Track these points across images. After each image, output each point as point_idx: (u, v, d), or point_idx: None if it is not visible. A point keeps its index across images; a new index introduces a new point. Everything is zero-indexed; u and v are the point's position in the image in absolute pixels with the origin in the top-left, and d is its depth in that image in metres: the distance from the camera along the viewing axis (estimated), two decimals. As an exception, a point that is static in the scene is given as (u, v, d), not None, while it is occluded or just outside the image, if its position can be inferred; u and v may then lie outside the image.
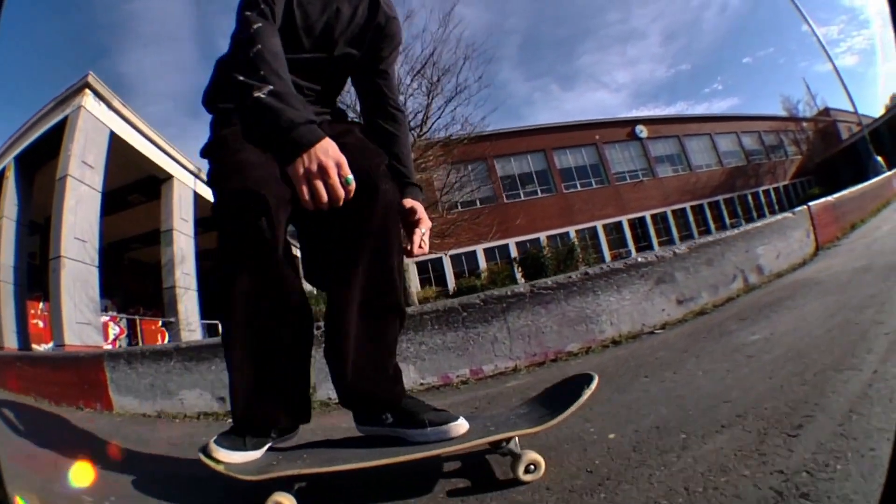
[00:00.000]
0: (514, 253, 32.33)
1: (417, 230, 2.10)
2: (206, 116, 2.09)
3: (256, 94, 1.51)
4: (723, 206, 44.90)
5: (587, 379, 1.97)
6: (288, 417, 1.92)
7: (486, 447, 1.93)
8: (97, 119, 15.95)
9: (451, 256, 32.42)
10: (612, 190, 41.46)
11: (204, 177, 17.86)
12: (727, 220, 42.24)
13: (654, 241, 40.30)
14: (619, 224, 40.58)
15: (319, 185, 1.46)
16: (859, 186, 10.84)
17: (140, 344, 16.93)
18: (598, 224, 39.70)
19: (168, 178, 19.33)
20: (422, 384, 4.07)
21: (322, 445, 1.97)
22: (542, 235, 35.56)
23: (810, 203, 7.28)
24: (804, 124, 51.86)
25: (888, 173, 15.96)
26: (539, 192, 39.44)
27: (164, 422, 4.31)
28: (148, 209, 20.15)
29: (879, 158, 22.28)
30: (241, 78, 1.56)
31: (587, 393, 1.89)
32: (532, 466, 1.79)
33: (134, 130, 17.60)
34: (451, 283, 33.85)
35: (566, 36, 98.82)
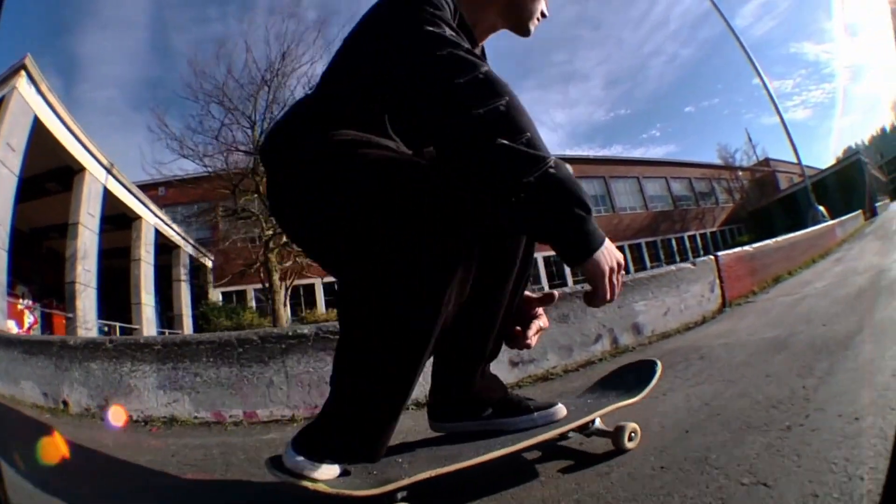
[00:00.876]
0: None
1: (535, 323, 1.94)
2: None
3: (548, 168, 1.31)
4: (644, 249, 45.50)
5: (652, 364, 2.17)
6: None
7: (566, 433, 1.93)
8: (25, 102, 15.75)
9: None
10: (608, 217, 42.16)
11: (117, 172, 19.82)
12: (647, 263, 43.26)
13: (570, 279, 39.24)
14: (535, 261, 37.88)
15: (617, 280, 1.42)
16: (790, 235, 9.90)
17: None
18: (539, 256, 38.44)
19: (81, 169, 18.76)
20: (196, 417, 3.83)
21: (404, 450, 1.78)
22: None
23: (719, 253, 6.58)
24: (740, 173, 53.38)
25: (829, 222, 15.43)
26: None
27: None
28: (65, 199, 19.54)
29: (821, 208, 21.96)
30: (509, 143, 1.29)
31: (657, 374, 2.09)
32: (633, 434, 1.94)
33: (56, 117, 17.25)
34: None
35: (510, 71, 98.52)
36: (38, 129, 16.30)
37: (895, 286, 4.97)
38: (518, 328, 1.92)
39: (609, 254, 1.38)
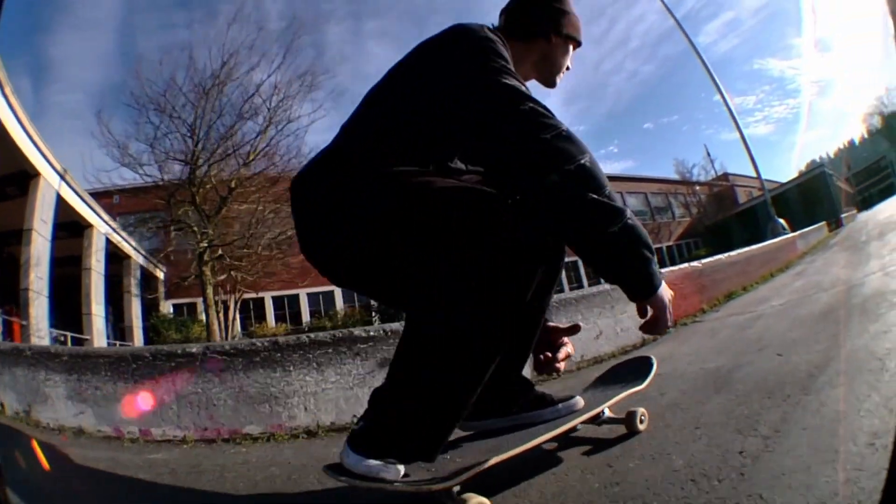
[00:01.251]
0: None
1: (563, 350, 2.14)
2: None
3: (627, 220, 1.55)
4: (580, 269, 43.52)
5: (648, 360, 2.42)
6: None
7: (587, 420, 2.08)
8: (-11, 105, 15.15)
9: (308, 294, 31.18)
10: None
11: (70, 179, 19.15)
12: (584, 282, 41.29)
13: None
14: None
15: (671, 310, 1.65)
16: (745, 249, 9.52)
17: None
18: None
19: (36, 174, 18.28)
20: (99, 431, 3.74)
21: (448, 447, 1.82)
22: None
23: (663, 269, 5.44)
24: (697, 188, 53.86)
25: (789, 235, 15.22)
26: None
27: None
28: (23, 204, 19.04)
29: (781, 220, 21.83)
30: (598, 198, 1.54)
31: (654, 367, 2.34)
32: (643, 417, 2.19)
33: (16, 120, 16.81)
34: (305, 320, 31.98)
35: None
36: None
37: (870, 305, 3.91)
38: (548, 354, 2.10)
39: (666, 288, 1.64)
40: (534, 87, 2.04)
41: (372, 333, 3.98)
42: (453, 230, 1.58)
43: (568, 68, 2.20)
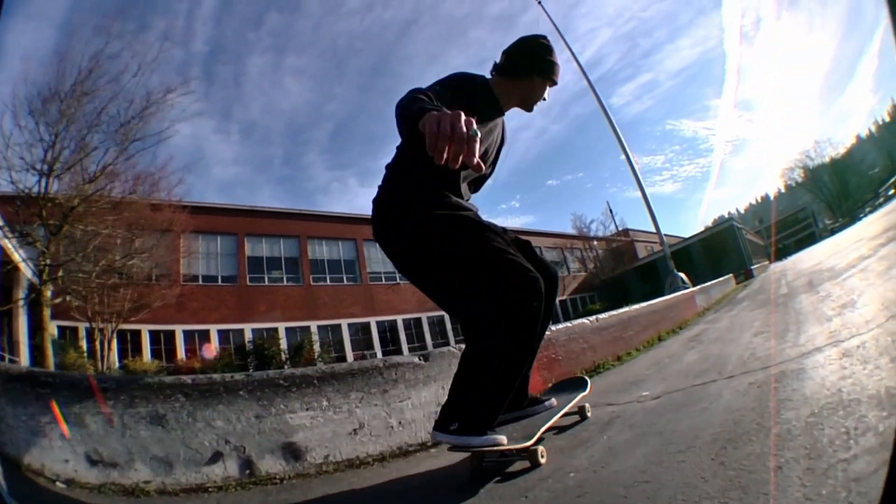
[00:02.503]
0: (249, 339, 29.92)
1: None
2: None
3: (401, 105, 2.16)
4: None
5: (581, 379, 3.60)
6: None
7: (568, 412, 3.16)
8: None
9: (184, 332, 28.31)
10: (363, 289, 38.48)
11: None
12: None
13: (405, 345, 37.44)
14: (368, 325, 37.04)
15: (451, 124, 1.61)
16: (627, 308, 7.50)
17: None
18: (344, 322, 35.91)
19: None
20: None
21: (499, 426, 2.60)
22: (282, 325, 31.92)
23: None
24: (595, 242, 54.53)
25: (687, 290, 13.53)
26: (285, 279, 35.51)
27: None
28: None
29: (681, 274, 21.00)
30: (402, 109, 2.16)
31: (588, 385, 3.45)
32: (588, 408, 3.31)
33: None
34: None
35: (379, 133, 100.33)
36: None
37: (830, 434, 1.81)
38: None
39: (434, 115, 1.66)
40: (515, 113, 3.08)
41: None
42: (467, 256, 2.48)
43: (544, 100, 2.98)
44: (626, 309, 7.10)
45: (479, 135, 1.61)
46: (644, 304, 7.73)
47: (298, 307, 33.93)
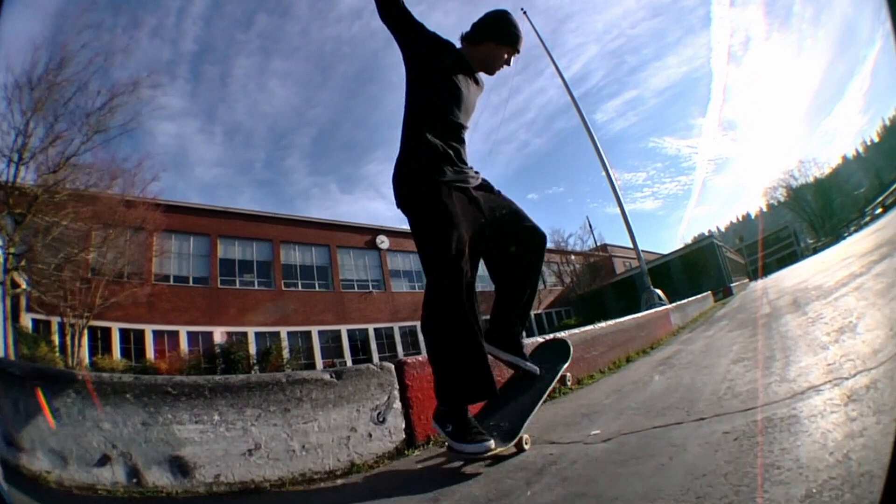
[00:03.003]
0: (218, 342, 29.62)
1: None
2: None
3: None
4: None
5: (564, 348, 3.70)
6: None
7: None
8: None
9: (154, 332, 27.95)
10: (335, 296, 37.90)
11: None
12: None
13: (375, 355, 36.90)
14: (338, 333, 36.54)
15: None
16: (591, 326, 6.62)
17: None
18: (314, 329, 35.37)
19: None
20: None
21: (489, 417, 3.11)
22: (252, 330, 31.62)
23: (406, 357, 4.02)
24: (572, 257, 54.27)
25: (662, 307, 12.87)
26: (256, 283, 34.97)
27: None
28: None
29: (658, 291, 20.68)
30: None
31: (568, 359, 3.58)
32: (567, 375, 3.72)
33: None
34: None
35: (361, 140, 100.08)
36: None
37: None
38: None
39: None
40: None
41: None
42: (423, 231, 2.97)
43: (508, 63, 3.31)
44: (589, 327, 6.37)
45: None
46: (611, 323, 7.01)
47: (268, 312, 33.49)
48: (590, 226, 66.68)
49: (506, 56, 3.26)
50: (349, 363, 32.76)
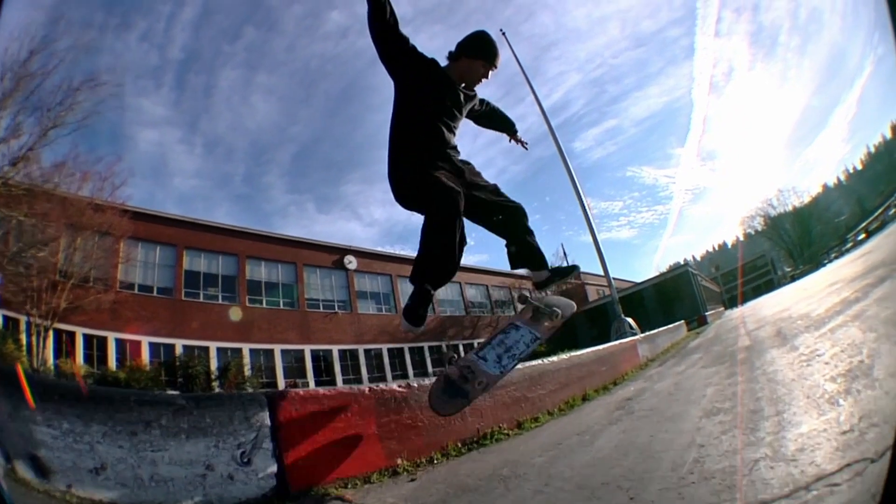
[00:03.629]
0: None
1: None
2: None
3: None
4: (426, 353, 41.79)
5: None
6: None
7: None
8: None
9: (116, 340, 26.44)
10: (299, 315, 36.54)
11: None
12: (429, 368, 40.39)
13: (339, 378, 35.58)
14: (302, 353, 35.45)
15: None
16: (545, 360, 5.73)
17: None
18: (277, 347, 34.34)
19: None
20: None
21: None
22: (214, 345, 30.10)
23: (287, 389, 4.38)
24: None
25: (628, 338, 11.64)
26: (221, 298, 33.57)
27: None
28: None
29: (630, 319, 19.63)
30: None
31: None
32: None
33: None
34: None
35: (341, 160, 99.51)
36: None
37: None
38: None
39: None
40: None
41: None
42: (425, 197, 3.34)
43: (486, 77, 3.70)
44: (536, 362, 5.46)
45: None
46: (563, 357, 6.02)
47: (232, 327, 32.87)
48: (564, 252, 66.19)
49: (482, 70, 3.62)
50: (312, 385, 32.39)
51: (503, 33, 27.47)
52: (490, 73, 3.69)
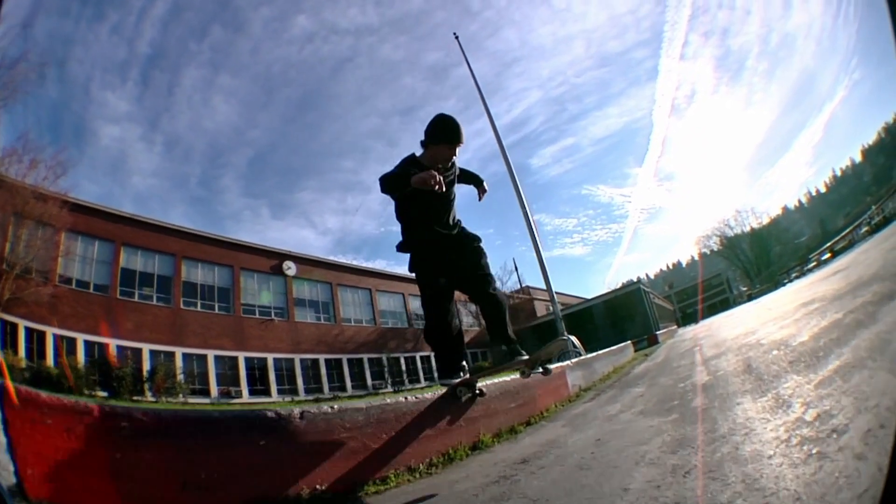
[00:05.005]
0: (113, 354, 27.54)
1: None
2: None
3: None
4: (366, 365, 41.38)
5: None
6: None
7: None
8: None
9: (54, 335, 25.71)
10: (234, 321, 35.43)
11: None
12: (369, 380, 40.09)
13: (274, 387, 34.44)
14: (236, 360, 33.97)
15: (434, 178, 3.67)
16: (395, 399, 4.16)
17: None
18: (211, 353, 32.83)
19: None
20: None
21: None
22: (148, 347, 29.30)
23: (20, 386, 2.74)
24: None
25: (555, 365, 8.71)
26: (155, 298, 32.32)
27: None
28: None
29: (573, 337, 17.17)
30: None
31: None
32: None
33: None
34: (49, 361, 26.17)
35: (297, 166, 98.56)
36: None
37: None
38: None
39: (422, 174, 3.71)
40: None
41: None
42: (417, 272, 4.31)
43: (455, 155, 4.17)
44: (378, 402, 3.74)
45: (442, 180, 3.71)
46: (422, 396, 4.36)
47: (165, 330, 31.40)
48: (515, 267, 65.34)
49: (448, 152, 4.11)
50: (245, 394, 32.05)
51: (456, 37, 26.71)
52: (458, 149, 4.14)
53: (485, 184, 4.86)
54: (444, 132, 4.09)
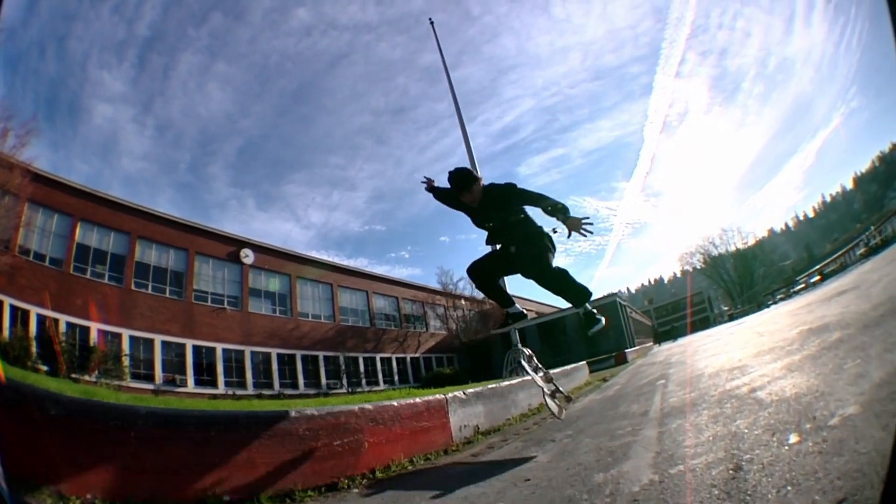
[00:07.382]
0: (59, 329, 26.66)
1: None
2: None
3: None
4: (321, 363, 39.94)
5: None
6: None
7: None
8: None
9: (11, 306, 25.19)
10: (184, 306, 33.91)
11: None
12: (323, 380, 38.54)
13: (221, 379, 33.05)
14: (183, 347, 32.67)
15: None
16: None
17: None
18: (158, 338, 31.52)
19: None
20: None
21: None
22: (95, 326, 28.32)
23: None
24: (463, 302, 51.47)
25: (427, 397, 9.46)
26: (107, 276, 31.28)
27: None
28: None
29: (526, 349, 14.53)
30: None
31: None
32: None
33: None
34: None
35: (286, 159, 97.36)
36: None
37: None
38: None
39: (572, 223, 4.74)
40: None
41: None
42: None
43: (472, 198, 4.98)
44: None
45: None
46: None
47: (114, 310, 30.14)
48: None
49: (466, 196, 4.95)
50: (191, 382, 31.31)
51: (431, 22, 25.17)
52: (473, 193, 4.91)
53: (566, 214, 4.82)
54: (454, 184, 4.98)
